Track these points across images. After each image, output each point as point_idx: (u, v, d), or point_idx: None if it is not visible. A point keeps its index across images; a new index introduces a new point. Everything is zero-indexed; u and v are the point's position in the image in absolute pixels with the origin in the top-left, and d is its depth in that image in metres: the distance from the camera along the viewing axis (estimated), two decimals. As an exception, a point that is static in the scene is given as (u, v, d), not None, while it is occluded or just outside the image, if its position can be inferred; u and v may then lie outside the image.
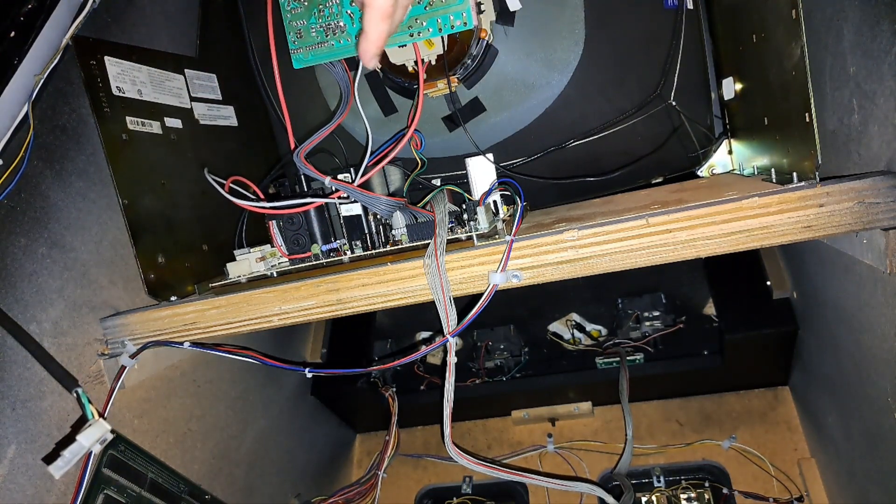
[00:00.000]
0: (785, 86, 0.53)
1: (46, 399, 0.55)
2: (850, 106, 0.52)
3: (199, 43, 0.78)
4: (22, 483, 0.52)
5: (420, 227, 0.59)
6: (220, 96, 0.80)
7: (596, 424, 1.07)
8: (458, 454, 0.57)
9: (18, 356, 0.53)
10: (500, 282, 0.53)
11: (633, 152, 0.79)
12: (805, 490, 0.93)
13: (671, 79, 0.76)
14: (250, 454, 0.86)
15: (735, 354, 0.91)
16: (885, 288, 0.52)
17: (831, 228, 0.48)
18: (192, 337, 0.61)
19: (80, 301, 0.61)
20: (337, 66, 0.72)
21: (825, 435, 0.87)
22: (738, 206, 0.49)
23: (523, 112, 0.80)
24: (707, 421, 1.02)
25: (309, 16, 0.68)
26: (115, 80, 0.63)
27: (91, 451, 0.52)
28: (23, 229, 0.55)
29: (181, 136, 0.71)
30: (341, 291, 0.58)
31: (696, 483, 0.98)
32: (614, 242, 0.52)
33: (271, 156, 0.90)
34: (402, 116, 0.82)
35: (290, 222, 0.65)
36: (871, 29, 0.47)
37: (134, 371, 0.62)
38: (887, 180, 0.46)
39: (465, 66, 0.75)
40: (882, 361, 0.58)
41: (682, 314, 1.01)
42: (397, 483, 1.10)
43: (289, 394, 1.00)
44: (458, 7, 0.64)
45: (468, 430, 1.13)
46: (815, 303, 0.77)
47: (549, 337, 1.06)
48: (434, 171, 0.83)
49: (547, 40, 0.77)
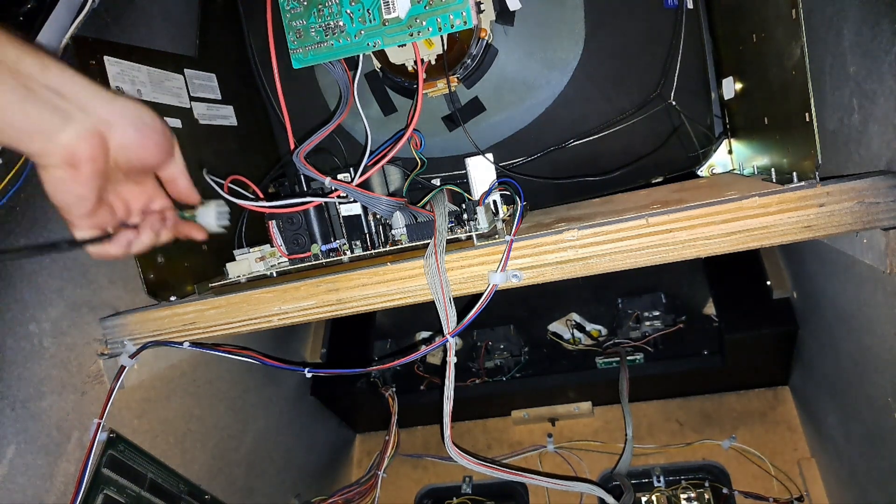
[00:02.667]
0: (785, 86, 0.53)
1: (46, 399, 0.55)
2: (850, 106, 0.51)
3: (198, 43, 0.78)
4: (22, 483, 0.52)
5: (420, 227, 0.59)
6: (219, 96, 0.80)
7: (596, 424, 1.07)
8: (458, 454, 0.57)
9: (18, 356, 0.53)
10: (499, 282, 0.53)
11: (633, 152, 0.79)
12: (805, 490, 0.93)
13: (671, 79, 0.76)
14: (250, 454, 0.86)
15: (735, 354, 0.91)
16: (885, 288, 0.52)
17: (831, 228, 0.48)
18: (192, 337, 0.61)
19: (80, 301, 0.61)
20: (336, 65, 0.72)
21: (825, 435, 0.87)
22: (738, 206, 0.49)
23: (523, 112, 0.80)
24: (707, 421, 1.02)
25: (308, 16, 0.68)
26: (115, 80, 0.63)
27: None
28: (23, 230, 0.55)
29: (181, 136, 0.71)
30: (341, 291, 0.58)
31: (696, 483, 0.98)
32: (614, 242, 0.52)
33: (271, 156, 0.90)
34: (402, 116, 0.82)
35: (289, 222, 0.65)
36: (871, 29, 0.47)
37: (133, 371, 0.62)
38: (887, 180, 0.46)
39: (464, 66, 0.75)
40: (882, 361, 0.58)
41: (682, 314, 1.01)
42: (397, 483, 1.10)
43: (289, 394, 1.00)
44: (458, 6, 0.64)
45: (468, 430, 1.13)
46: (815, 303, 0.77)
47: (549, 337, 1.06)
48: (434, 171, 0.83)
49: (547, 40, 0.77)
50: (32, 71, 0.43)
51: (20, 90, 0.42)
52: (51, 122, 0.44)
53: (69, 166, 0.46)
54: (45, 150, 0.45)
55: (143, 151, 0.50)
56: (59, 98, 0.44)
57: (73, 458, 0.57)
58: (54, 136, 0.45)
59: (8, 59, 0.42)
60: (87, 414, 0.59)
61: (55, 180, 0.47)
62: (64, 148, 0.45)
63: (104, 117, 0.47)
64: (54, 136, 0.45)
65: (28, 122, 0.43)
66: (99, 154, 0.47)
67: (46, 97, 0.44)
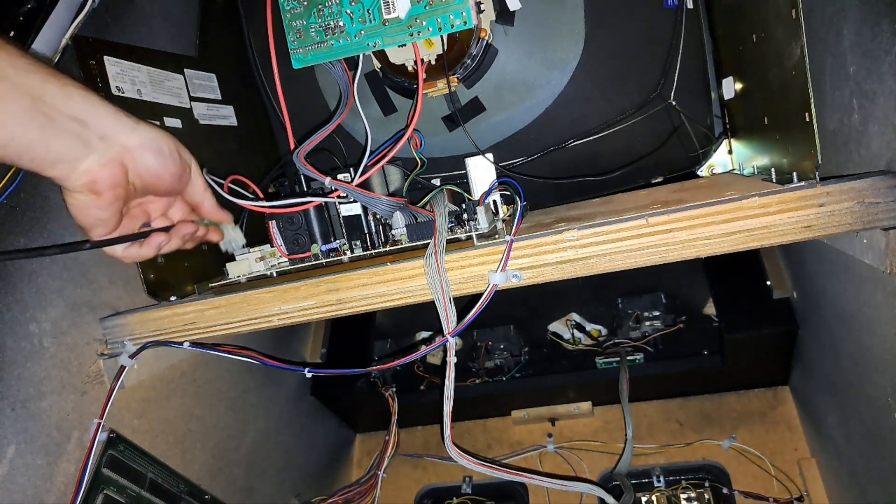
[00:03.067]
0: (785, 86, 0.53)
1: (46, 399, 0.55)
2: (850, 106, 0.51)
3: (198, 43, 0.78)
4: (21, 483, 0.52)
5: (420, 226, 0.59)
6: (219, 96, 0.80)
7: (596, 424, 1.07)
8: (458, 454, 0.57)
9: (18, 356, 0.53)
10: (499, 282, 0.53)
11: (633, 152, 0.79)
12: (805, 490, 0.93)
13: (671, 78, 0.76)
14: (250, 454, 0.86)
15: (735, 354, 0.91)
16: (885, 288, 0.52)
17: (831, 228, 0.48)
18: (192, 337, 0.61)
19: (80, 301, 0.61)
20: (336, 65, 0.72)
21: (825, 435, 0.87)
22: (738, 206, 0.49)
23: (523, 112, 0.80)
24: (707, 421, 1.02)
25: (308, 15, 0.68)
26: (115, 80, 0.63)
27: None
28: (22, 229, 0.55)
29: (181, 136, 0.70)
30: (341, 291, 0.58)
31: (696, 483, 0.98)
32: (614, 242, 0.52)
33: (271, 156, 0.90)
34: (402, 116, 0.82)
35: (289, 222, 0.65)
36: (871, 29, 0.47)
37: (133, 371, 0.62)
38: (887, 180, 0.46)
39: (464, 66, 0.75)
40: (882, 361, 0.58)
41: (682, 314, 1.01)
42: (397, 483, 1.10)
43: (289, 394, 1.00)
44: (458, 6, 0.64)
45: (468, 430, 1.13)
46: (815, 303, 0.77)
47: (549, 337, 1.06)
48: (434, 171, 0.83)
49: (547, 40, 0.77)
50: (55, 100, 0.44)
51: (41, 119, 0.43)
52: (72, 151, 0.46)
53: (91, 192, 0.48)
54: (67, 177, 0.47)
55: (158, 180, 0.53)
56: (82, 127, 0.46)
57: (73, 458, 0.57)
58: (76, 165, 0.46)
59: (32, 88, 0.43)
60: (87, 414, 0.59)
61: (78, 203, 0.49)
62: (85, 175, 0.47)
63: (125, 146, 0.49)
64: (76, 164, 0.46)
65: (49, 151, 0.44)
66: (119, 181, 0.49)
67: (68, 126, 0.45)
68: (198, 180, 0.57)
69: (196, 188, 0.57)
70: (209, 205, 0.59)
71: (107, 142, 0.47)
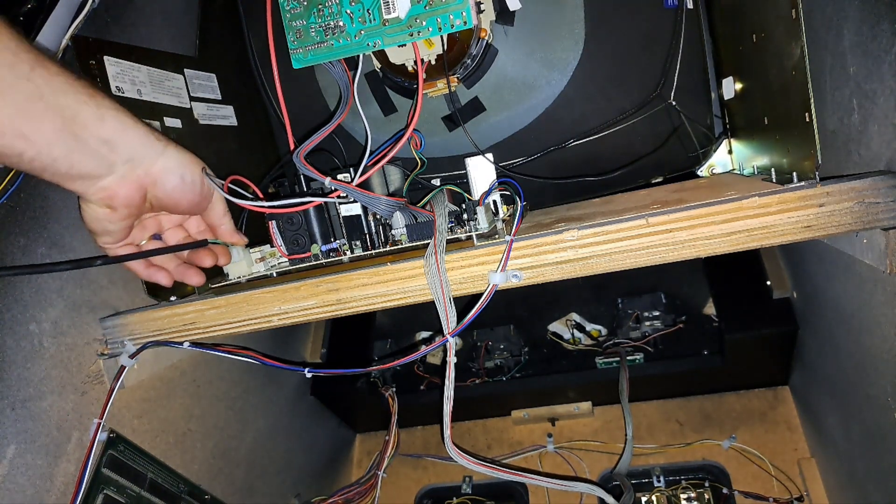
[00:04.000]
0: (785, 86, 0.53)
1: (46, 399, 0.55)
2: (850, 106, 0.51)
3: (198, 43, 0.78)
4: (22, 483, 0.52)
5: (420, 227, 0.59)
6: (219, 96, 0.80)
7: (596, 424, 1.07)
8: (458, 454, 0.57)
9: (18, 356, 0.53)
10: (499, 282, 0.53)
11: (633, 152, 0.79)
12: (805, 490, 0.93)
13: (671, 79, 0.75)
14: (250, 454, 0.86)
15: (735, 354, 0.91)
16: (885, 288, 0.52)
17: (831, 228, 0.48)
18: (192, 337, 0.61)
19: (80, 301, 0.61)
20: (336, 65, 0.72)
21: (825, 435, 0.87)
22: (738, 206, 0.49)
23: (523, 112, 0.80)
24: (707, 421, 1.02)
25: (308, 15, 0.68)
26: (115, 80, 0.63)
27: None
28: (22, 229, 0.55)
29: (181, 136, 0.71)
30: (341, 291, 0.58)
31: (696, 483, 0.98)
32: (614, 242, 0.52)
33: (271, 156, 0.90)
34: (402, 116, 0.82)
35: (289, 222, 0.65)
36: (871, 29, 0.47)
37: (133, 371, 0.62)
38: (887, 180, 0.46)
39: (464, 66, 0.75)
40: (882, 361, 0.58)
41: (682, 314, 1.01)
42: (397, 483, 1.10)
43: (289, 394, 1.00)
44: (458, 6, 0.64)
45: (468, 430, 1.13)
46: (815, 303, 0.77)
47: (549, 337, 1.06)
48: (434, 171, 0.83)
49: (547, 40, 0.77)
50: (88, 121, 0.44)
51: (71, 141, 0.44)
52: (95, 171, 0.47)
53: (106, 206, 0.49)
54: (85, 191, 0.48)
55: (175, 205, 0.54)
56: (109, 150, 0.46)
57: (73, 458, 0.57)
58: (97, 182, 0.47)
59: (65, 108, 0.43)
60: (87, 414, 0.59)
61: (92, 213, 0.50)
62: (104, 190, 0.48)
63: (149, 171, 0.50)
64: (97, 181, 0.47)
65: (73, 169, 0.45)
66: (136, 200, 0.50)
67: (95, 148, 0.46)
68: (218, 205, 0.58)
69: (216, 212, 0.59)
70: (226, 229, 0.60)
71: (132, 165, 0.48)
